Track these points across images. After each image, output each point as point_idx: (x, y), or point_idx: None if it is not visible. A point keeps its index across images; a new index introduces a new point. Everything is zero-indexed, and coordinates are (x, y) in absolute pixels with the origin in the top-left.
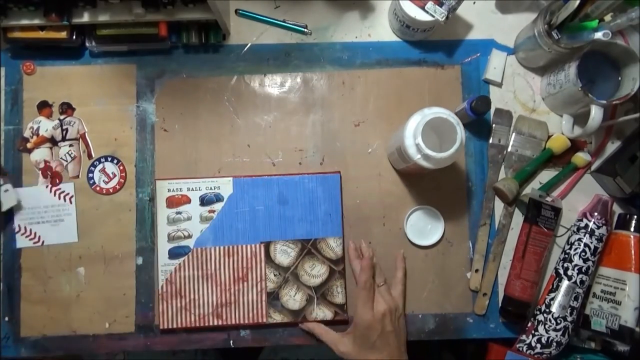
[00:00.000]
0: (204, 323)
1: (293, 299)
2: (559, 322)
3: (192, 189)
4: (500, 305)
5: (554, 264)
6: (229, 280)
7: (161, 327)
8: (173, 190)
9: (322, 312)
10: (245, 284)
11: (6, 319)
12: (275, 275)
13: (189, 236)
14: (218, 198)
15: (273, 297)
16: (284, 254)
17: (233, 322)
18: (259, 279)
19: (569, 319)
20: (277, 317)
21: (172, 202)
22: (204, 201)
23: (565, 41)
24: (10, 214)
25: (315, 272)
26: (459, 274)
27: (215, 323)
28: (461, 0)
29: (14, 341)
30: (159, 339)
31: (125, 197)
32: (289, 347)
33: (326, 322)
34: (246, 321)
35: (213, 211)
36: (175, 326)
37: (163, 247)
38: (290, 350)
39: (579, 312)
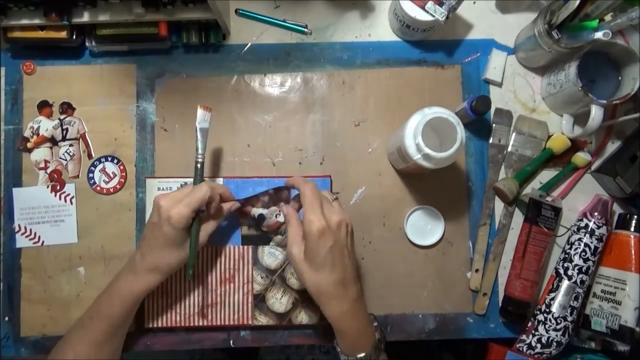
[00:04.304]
0: (189, 323)
1: (279, 301)
2: (559, 322)
3: None
4: (500, 305)
5: (554, 263)
6: (216, 281)
7: (145, 326)
8: (163, 189)
9: (308, 316)
10: (232, 285)
11: (6, 319)
12: (262, 278)
13: None
14: None
15: (259, 300)
16: (272, 256)
17: (218, 323)
18: (245, 281)
19: (569, 318)
20: (263, 320)
21: None
22: None
23: (565, 41)
24: (10, 213)
25: None
26: (459, 274)
27: (201, 323)
28: (461, 0)
29: (14, 341)
30: (159, 339)
31: (126, 197)
32: (287, 348)
33: (312, 327)
34: (232, 322)
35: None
36: (159, 325)
37: None
38: (289, 351)
39: (579, 312)
